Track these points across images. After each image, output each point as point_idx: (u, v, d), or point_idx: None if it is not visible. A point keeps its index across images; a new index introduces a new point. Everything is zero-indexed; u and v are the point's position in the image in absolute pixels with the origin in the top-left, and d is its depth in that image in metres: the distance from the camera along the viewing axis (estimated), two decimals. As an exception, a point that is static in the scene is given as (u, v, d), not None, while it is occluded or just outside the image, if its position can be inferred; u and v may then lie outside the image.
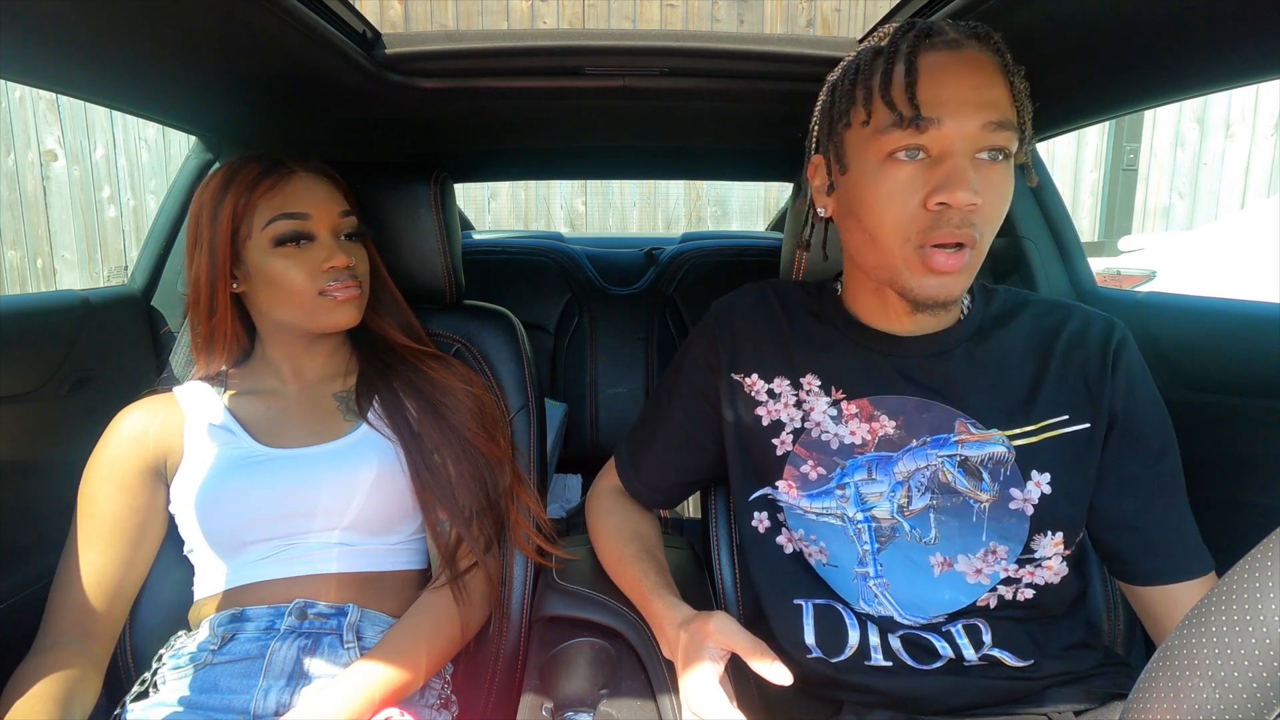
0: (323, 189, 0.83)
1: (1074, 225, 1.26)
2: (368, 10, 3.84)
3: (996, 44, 0.62)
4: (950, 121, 0.60)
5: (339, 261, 0.80)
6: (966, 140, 0.60)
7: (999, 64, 0.62)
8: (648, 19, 4.22)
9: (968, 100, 0.60)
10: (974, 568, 0.69)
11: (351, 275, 0.83)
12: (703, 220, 4.71)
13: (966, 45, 0.62)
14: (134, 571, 0.81)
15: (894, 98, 0.61)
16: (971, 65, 0.61)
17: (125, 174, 4.43)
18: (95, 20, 0.64)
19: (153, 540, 0.83)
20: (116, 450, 0.81)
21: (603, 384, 1.80)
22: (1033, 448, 0.68)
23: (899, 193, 0.62)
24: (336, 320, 0.82)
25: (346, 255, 0.82)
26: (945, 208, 0.60)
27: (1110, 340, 0.70)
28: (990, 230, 0.63)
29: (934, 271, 0.62)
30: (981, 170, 0.61)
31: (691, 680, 0.61)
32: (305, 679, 0.75)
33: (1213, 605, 0.30)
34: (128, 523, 0.80)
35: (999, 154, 0.61)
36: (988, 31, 0.63)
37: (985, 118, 0.60)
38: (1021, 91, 0.63)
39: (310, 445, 0.83)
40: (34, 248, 4.43)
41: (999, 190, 0.62)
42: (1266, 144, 4.61)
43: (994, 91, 0.61)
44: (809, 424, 0.74)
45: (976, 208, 0.60)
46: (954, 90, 0.60)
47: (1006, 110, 0.61)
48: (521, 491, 0.90)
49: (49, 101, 4.29)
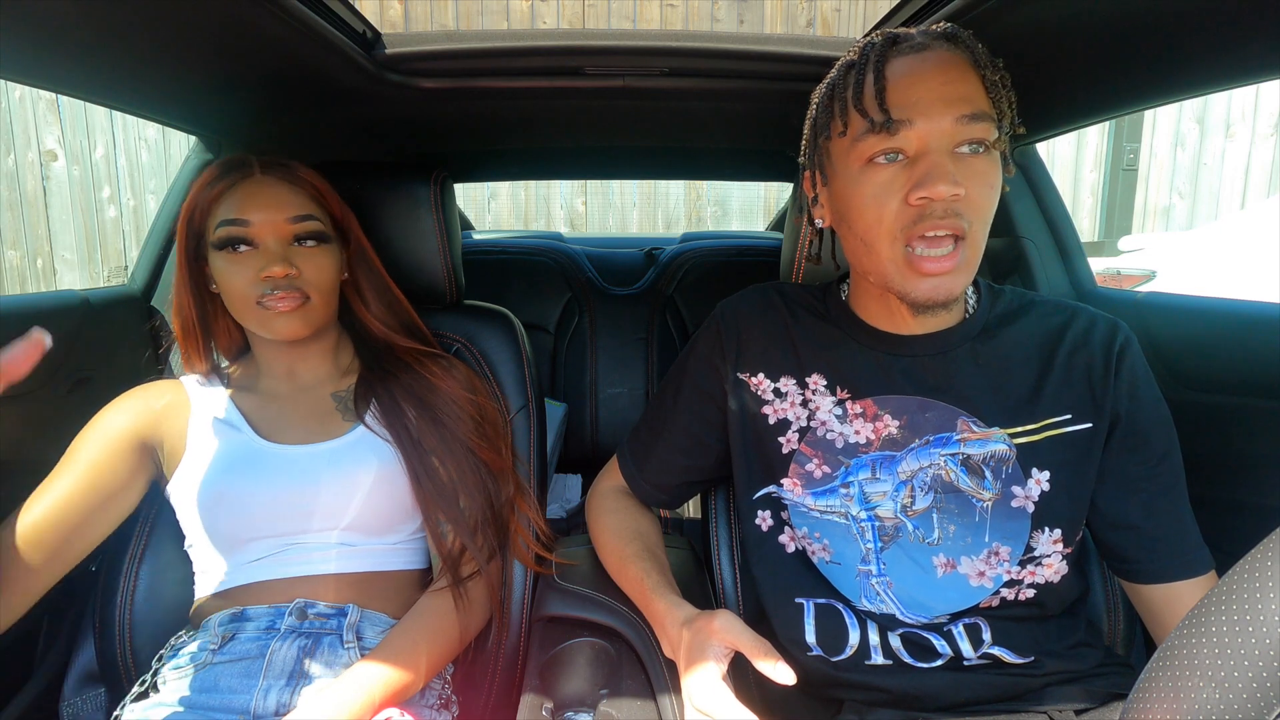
0: (275, 193, 0.80)
1: (1074, 225, 1.26)
2: (368, 10, 3.84)
3: (965, 42, 0.63)
4: (922, 121, 0.61)
5: (275, 271, 0.77)
6: (941, 136, 0.62)
7: (969, 60, 0.63)
8: (648, 19, 4.22)
9: (937, 98, 0.61)
10: (977, 570, 0.69)
11: (291, 285, 0.79)
12: (703, 220, 4.71)
13: (933, 47, 0.63)
14: (83, 533, 0.78)
15: (866, 106, 0.63)
16: (939, 64, 0.63)
17: (125, 174, 4.43)
18: (95, 20, 0.64)
19: (115, 512, 0.81)
20: (117, 415, 0.82)
21: (603, 384, 1.80)
22: (1034, 446, 0.69)
23: (880, 194, 0.64)
24: (278, 330, 0.80)
25: (287, 264, 0.78)
26: (927, 201, 0.61)
27: (1114, 342, 0.70)
28: (980, 221, 0.64)
29: (925, 274, 0.63)
30: (963, 163, 0.62)
31: (695, 679, 0.62)
32: (305, 679, 0.75)
33: (1213, 605, 0.30)
34: (101, 480, 0.78)
35: (979, 146, 0.62)
36: (955, 31, 0.64)
37: (957, 112, 0.61)
38: (998, 83, 0.63)
39: (309, 443, 0.83)
40: (34, 248, 4.43)
41: (984, 180, 0.63)
42: (1266, 144, 4.61)
43: (964, 86, 0.62)
44: (814, 423, 0.74)
45: (960, 198, 0.61)
46: (923, 90, 0.62)
47: (980, 103, 0.62)
48: (521, 500, 0.90)
49: (49, 101, 4.29)
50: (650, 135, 1.33)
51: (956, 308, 0.73)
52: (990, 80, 0.63)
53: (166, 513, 0.87)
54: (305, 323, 0.81)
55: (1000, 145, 0.64)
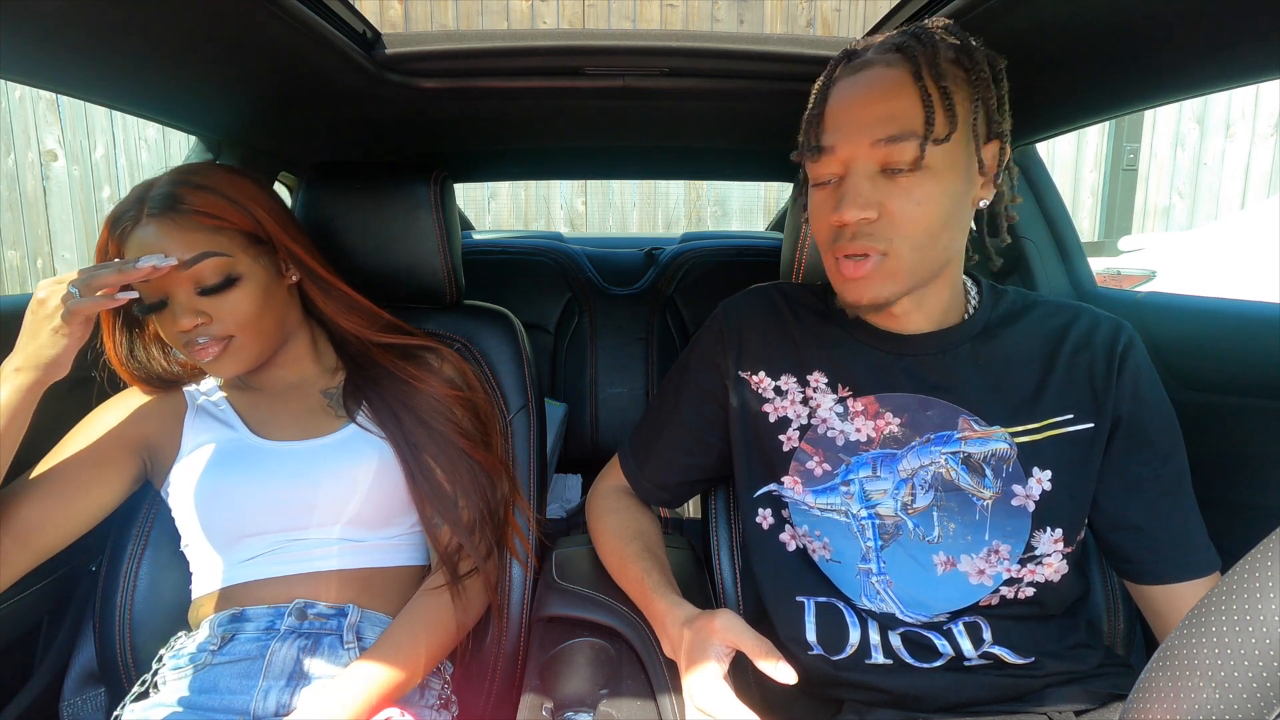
0: (163, 246, 0.72)
1: (1074, 225, 1.26)
2: (368, 10, 3.84)
3: (913, 49, 0.63)
4: (842, 146, 0.65)
5: (183, 325, 0.74)
6: (859, 161, 0.64)
7: (909, 72, 0.63)
8: (648, 19, 4.22)
9: (857, 122, 0.64)
10: (976, 568, 0.69)
11: (206, 335, 0.75)
12: (703, 220, 4.71)
13: (874, 64, 0.65)
14: (58, 525, 0.76)
15: (806, 133, 0.68)
16: (870, 84, 0.64)
17: (125, 174, 4.43)
18: (95, 20, 0.64)
19: (94, 507, 0.79)
20: (112, 411, 0.82)
21: (603, 384, 1.80)
22: (1035, 445, 0.69)
23: (816, 213, 0.70)
24: (216, 372, 0.78)
25: (194, 316, 0.74)
26: (841, 222, 0.65)
27: (1117, 342, 0.70)
28: (905, 238, 0.64)
29: (847, 279, 0.68)
30: (890, 182, 0.64)
31: (697, 678, 0.62)
32: (305, 679, 0.75)
33: (1213, 605, 0.30)
34: (85, 473, 0.78)
35: (901, 167, 0.63)
36: (902, 42, 0.64)
37: (874, 136, 0.63)
38: (948, 90, 0.62)
39: (303, 440, 0.83)
40: (34, 248, 4.43)
41: (910, 197, 0.63)
42: (1266, 144, 4.61)
43: (890, 105, 0.63)
44: (815, 420, 0.75)
45: (871, 220, 0.64)
46: (849, 115, 0.65)
47: (906, 121, 0.62)
48: (517, 498, 0.90)
49: (49, 101, 4.29)
50: (650, 135, 1.32)
51: (956, 308, 0.73)
52: (941, 88, 0.62)
53: (166, 512, 0.87)
54: (237, 360, 0.78)
55: (920, 158, 0.62)
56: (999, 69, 0.66)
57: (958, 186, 0.65)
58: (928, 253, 0.66)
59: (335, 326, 0.88)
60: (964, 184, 0.65)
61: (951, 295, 0.73)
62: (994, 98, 0.65)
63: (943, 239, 0.66)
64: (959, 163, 0.64)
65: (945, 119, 0.62)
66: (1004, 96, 0.66)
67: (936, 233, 0.65)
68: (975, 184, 0.67)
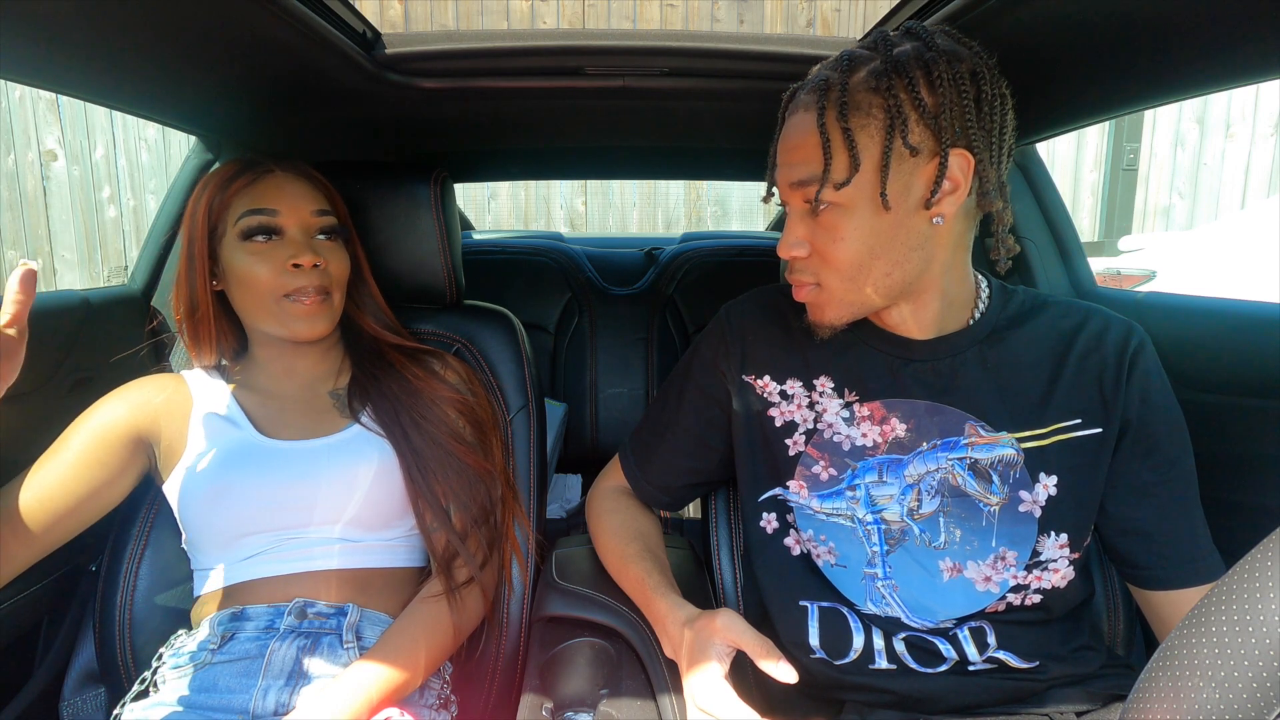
0: (297, 187, 0.83)
1: (1074, 225, 1.25)
2: (368, 10, 3.84)
3: (824, 88, 0.63)
4: (778, 187, 0.70)
5: (305, 260, 0.79)
6: (789, 200, 0.69)
7: (814, 118, 0.63)
8: (648, 19, 4.22)
9: (782, 165, 0.68)
10: (983, 575, 0.68)
11: (319, 276, 0.81)
12: (703, 220, 4.71)
13: (798, 105, 0.67)
14: (64, 520, 0.76)
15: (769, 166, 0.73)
16: (787, 128, 0.68)
17: (125, 174, 4.43)
18: (95, 20, 0.64)
19: (100, 503, 0.79)
20: (115, 405, 0.81)
21: (603, 384, 1.80)
22: (1042, 450, 0.68)
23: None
24: (298, 331, 0.81)
25: (315, 254, 0.80)
26: None
27: (1128, 345, 0.70)
28: (833, 271, 0.67)
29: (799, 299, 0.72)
30: (813, 220, 0.67)
31: (698, 678, 0.62)
32: (305, 679, 0.75)
33: (1213, 605, 0.30)
34: (89, 469, 0.77)
35: (816, 205, 0.65)
36: (826, 76, 0.64)
37: (789, 179, 0.67)
38: (848, 131, 0.61)
39: (309, 439, 0.83)
40: (34, 248, 4.42)
41: (831, 234, 0.65)
42: (1266, 144, 4.61)
43: (797, 151, 0.65)
44: (821, 425, 0.74)
45: (802, 258, 0.68)
46: (779, 158, 0.69)
47: (810, 166, 0.64)
48: (513, 504, 0.90)
49: (49, 101, 4.29)
50: (650, 135, 1.32)
51: (963, 311, 0.73)
52: (844, 129, 0.61)
53: (166, 512, 0.87)
54: (328, 321, 0.84)
55: (869, 187, 0.62)
56: (981, 74, 0.62)
57: (880, 219, 0.63)
58: (860, 283, 0.67)
59: (357, 324, 0.91)
60: (895, 213, 0.63)
61: (944, 304, 0.71)
62: (962, 106, 0.61)
63: (877, 269, 0.66)
64: (881, 194, 0.62)
65: (846, 162, 0.62)
66: (984, 101, 0.62)
67: (866, 264, 0.66)
68: (914, 207, 0.63)
